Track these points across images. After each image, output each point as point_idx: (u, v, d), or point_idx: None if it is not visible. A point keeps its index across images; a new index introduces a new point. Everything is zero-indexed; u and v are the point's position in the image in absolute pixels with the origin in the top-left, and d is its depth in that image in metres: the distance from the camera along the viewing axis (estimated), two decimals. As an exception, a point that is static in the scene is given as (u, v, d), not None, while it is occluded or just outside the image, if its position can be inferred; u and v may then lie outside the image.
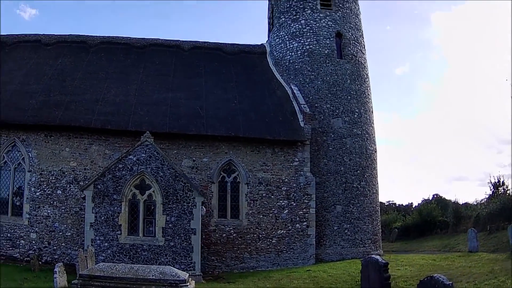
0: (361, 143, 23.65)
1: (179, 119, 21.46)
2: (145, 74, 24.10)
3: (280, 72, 24.80)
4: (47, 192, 20.54)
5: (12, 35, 26.48)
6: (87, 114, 21.20)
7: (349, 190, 22.92)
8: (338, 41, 24.66)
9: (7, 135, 21.03)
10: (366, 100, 24.70)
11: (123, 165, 18.37)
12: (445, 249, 26.21)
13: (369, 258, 11.77)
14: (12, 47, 25.49)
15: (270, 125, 21.72)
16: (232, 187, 21.46)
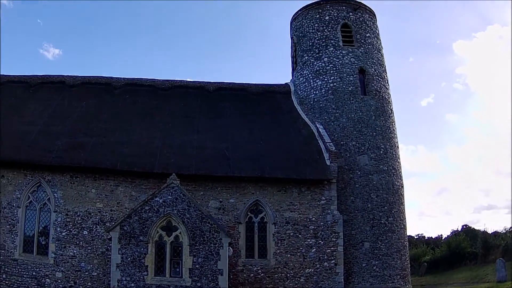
0: (388, 179, 23.51)
1: (205, 161, 21.61)
2: (171, 116, 24.32)
3: (305, 111, 24.87)
4: (73, 232, 20.77)
5: (36, 76, 27.13)
6: (113, 156, 21.50)
7: (376, 227, 22.73)
8: (361, 77, 24.73)
9: (32, 175, 21.35)
10: (391, 135, 24.63)
11: (150, 207, 18.57)
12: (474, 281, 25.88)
13: None
14: (36, 88, 26.13)
15: (296, 165, 21.75)
16: (259, 227, 21.44)
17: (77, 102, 25.07)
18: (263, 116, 24.91)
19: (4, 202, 21.07)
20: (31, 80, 26.64)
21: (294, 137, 23.43)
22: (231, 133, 23.43)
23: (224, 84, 27.17)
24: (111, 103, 25.15)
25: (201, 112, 24.84)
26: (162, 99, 25.64)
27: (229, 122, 24.26)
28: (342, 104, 24.12)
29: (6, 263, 20.58)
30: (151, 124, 23.75)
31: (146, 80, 27.02)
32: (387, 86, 25.70)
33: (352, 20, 25.76)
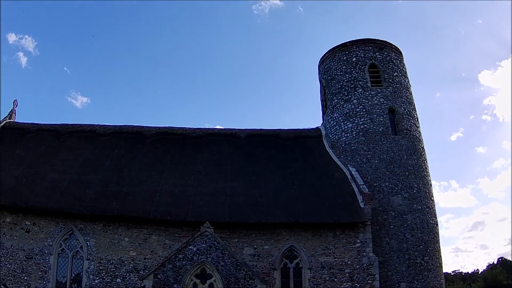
0: (422, 218, 23.26)
1: (239, 208, 21.58)
2: (203, 164, 24.47)
3: (337, 154, 24.88)
4: (106, 280, 20.79)
5: (66, 125, 27.73)
6: (146, 205, 21.61)
7: (412, 267, 22.39)
8: (391, 117, 24.78)
9: (64, 223, 21.61)
10: (423, 174, 24.45)
11: (183, 255, 18.49)
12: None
13: None
14: (66, 137, 26.66)
15: (330, 209, 21.59)
16: (294, 272, 21.20)
17: (109, 151, 25.46)
18: (295, 161, 24.89)
19: (36, 249, 21.33)
20: (61, 129, 27.14)
21: (327, 181, 23.38)
22: (264, 180, 23.44)
23: (255, 131, 27.36)
24: (142, 152, 25.43)
25: (233, 159, 24.96)
26: (193, 147, 25.89)
27: (261, 168, 24.29)
28: (374, 145, 24.12)
29: None
30: (183, 172, 23.90)
31: (177, 128, 27.38)
32: (417, 124, 25.65)
33: (379, 60, 25.92)
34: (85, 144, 25.99)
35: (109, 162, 24.55)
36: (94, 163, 24.49)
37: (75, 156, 24.93)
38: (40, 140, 26.32)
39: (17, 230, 21.61)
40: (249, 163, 24.70)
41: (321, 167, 24.31)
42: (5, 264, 21.19)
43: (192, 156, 25.14)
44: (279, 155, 25.32)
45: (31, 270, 21.10)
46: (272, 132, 27.13)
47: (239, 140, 26.52)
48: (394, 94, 25.22)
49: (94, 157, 25.01)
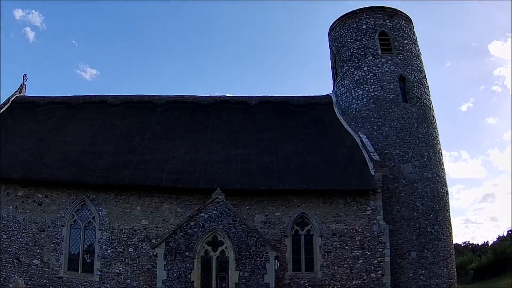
0: (433, 187, 23.17)
1: (250, 175, 21.58)
2: (214, 132, 24.47)
3: (348, 121, 24.75)
4: (118, 250, 21.02)
5: (77, 96, 27.74)
6: (157, 173, 21.65)
7: (423, 235, 22.36)
8: (401, 85, 24.53)
9: (76, 195, 21.78)
10: (434, 142, 24.31)
11: (195, 222, 18.64)
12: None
13: None
14: (77, 108, 26.72)
15: (341, 176, 21.58)
16: (306, 240, 21.29)
17: (119, 121, 25.47)
18: (306, 128, 24.82)
19: (48, 222, 21.54)
20: (72, 101, 27.20)
21: (338, 148, 23.31)
22: (275, 147, 23.38)
23: (266, 98, 27.26)
24: (153, 121, 25.42)
25: (244, 127, 24.94)
26: (204, 115, 25.86)
27: (272, 135, 24.24)
28: (384, 112, 23.95)
29: (51, 281, 21.00)
30: (194, 140, 23.90)
31: (188, 97, 27.34)
32: (427, 93, 25.44)
33: (389, 27, 25.63)
34: (96, 114, 26.01)
35: (120, 131, 24.58)
36: (105, 133, 24.54)
37: (86, 127, 24.98)
38: (50, 113, 26.37)
39: (29, 203, 21.82)
40: (260, 130, 24.65)
41: (331, 134, 24.22)
42: (18, 238, 21.47)
43: (203, 123, 25.10)
44: (290, 122, 25.24)
45: (44, 242, 21.36)
46: (282, 99, 27.01)
47: (250, 107, 26.45)
48: (405, 61, 24.98)
49: (105, 127, 25.06)
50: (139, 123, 25.22)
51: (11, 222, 21.69)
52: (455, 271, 24.31)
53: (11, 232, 21.57)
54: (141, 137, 24.05)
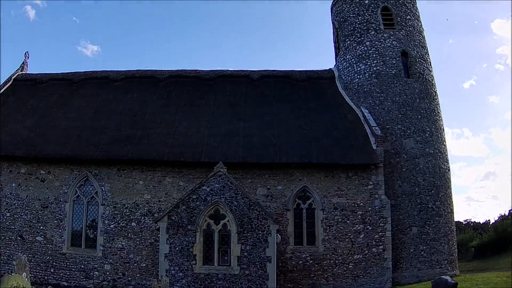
0: (434, 162, 23.14)
1: (252, 149, 21.58)
2: (216, 106, 24.40)
3: (350, 96, 24.66)
4: (121, 225, 21.13)
5: (79, 72, 27.65)
6: (160, 148, 21.66)
7: (424, 211, 22.40)
8: (404, 60, 24.37)
9: (79, 170, 21.82)
10: (436, 118, 24.24)
11: (197, 196, 18.67)
12: (520, 266, 25.27)
13: (439, 279, 11.61)
14: (79, 84, 26.63)
15: (342, 150, 21.56)
16: (307, 213, 21.36)
17: (122, 96, 25.41)
18: (308, 103, 24.70)
19: (51, 198, 21.63)
20: (74, 77, 27.14)
21: (340, 122, 23.25)
22: (277, 120, 23.31)
23: (268, 72, 27.07)
24: (156, 96, 25.33)
25: (246, 100, 24.85)
26: (207, 89, 25.75)
27: (274, 109, 24.17)
28: (386, 87, 23.82)
29: (54, 257, 21.13)
30: (196, 114, 23.87)
31: (190, 71, 27.19)
32: (430, 69, 25.31)
33: (392, 2, 25.40)
34: (98, 90, 25.94)
35: (122, 106, 24.54)
36: (108, 108, 24.51)
37: (89, 103, 24.94)
38: (53, 90, 26.30)
39: (32, 180, 21.89)
40: (262, 103, 24.59)
41: (334, 108, 24.15)
42: (21, 215, 21.60)
43: (205, 97, 25.04)
44: (292, 96, 25.13)
45: (47, 219, 21.49)
46: (284, 73, 26.84)
47: (252, 81, 26.30)
48: (407, 37, 24.82)
49: (108, 102, 25.02)
50: (141, 98, 25.14)
51: (14, 199, 21.78)
52: (456, 248, 24.38)
53: (14, 210, 21.68)
54: (143, 112, 24.01)
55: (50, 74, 27.82)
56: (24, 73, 28.38)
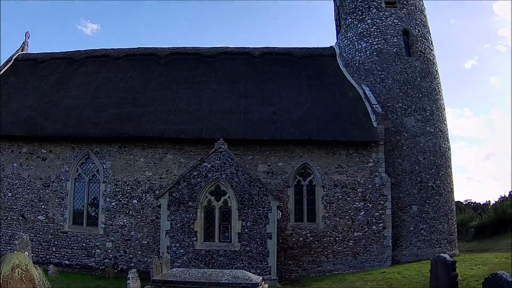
0: (435, 141, 23.13)
1: (253, 125, 21.59)
2: (217, 82, 24.36)
3: (351, 73, 24.58)
4: (122, 202, 21.21)
5: (80, 51, 27.61)
6: (161, 125, 21.67)
7: (424, 190, 22.43)
8: (405, 39, 24.27)
9: (80, 148, 21.89)
10: (437, 97, 24.18)
11: (198, 172, 18.66)
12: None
13: (438, 257, 11.64)
14: (80, 63, 26.60)
15: (343, 127, 21.55)
16: (308, 190, 21.41)
17: (123, 73, 25.35)
18: (309, 80, 24.63)
19: (53, 177, 21.70)
20: (74, 56, 27.10)
21: (341, 100, 23.19)
22: (278, 97, 23.28)
23: (268, 49, 26.97)
24: (156, 73, 25.27)
25: (247, 77, 24.77)
26: (207, 66, 25.68)
27: (275, 86, 24.11)
28: (387, 65, 23.75)
29: (56, 236, 21.26)
30: (197, 91, 23.83)
31: (190, 48, 27.11)
32: (431, 48, 25.21)
33: (393, -20, 25.21)
34: (99, 68, 25.91)
35: (123, 84, 24.50)
36: (109, 86, 24.49)
37: (89, 81, 24.92)
38: (53, 69, 26.28)
39: (33, 159, 21.96)
40: (263, 80, 24.54)
41: (334, 86, 24.08)
42: (23, 195, 21.71)
43: (206, 74, 24.97)
44: (293, 73, 25.07)
45: (49, 198, 21.60)
46: (285, 50, 26.75)
47: (253, 58, 26.21)
48: (409, 16, 24.67)
49: (108, 80, 24.98)
50: (142, 75, 25.10)
51: (16, 179, 21.89)
52: (456, 228, 24.45)
53: (16, 190, 21.80)
54: (144, 89, 23.97)
55: (51, 53, 27.73)
56: (25, 53, 28.32)
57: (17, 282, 5.37)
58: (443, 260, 11.36)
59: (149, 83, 24.47)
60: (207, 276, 12.31)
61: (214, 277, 12.28)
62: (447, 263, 11.21)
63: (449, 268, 11.16)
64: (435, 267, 11.60)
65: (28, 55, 28.12)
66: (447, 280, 11.02)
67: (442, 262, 11.34)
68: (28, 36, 29.25)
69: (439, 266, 11.49)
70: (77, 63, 26.53)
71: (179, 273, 12.65)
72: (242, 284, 11.89)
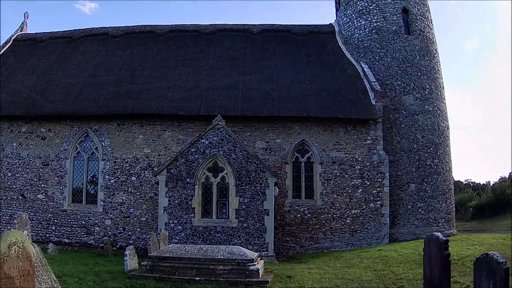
0: (433, 120, 23.11)
1: (251, 102, 21.54)
2: (215, 60, 24.26)
3: (350, 51, 24.48)
4: (121, 179, 21.29)
5: (78, 30, 27.59)
6: (159, 102, 21.66)
7: (422, 168, 22.44)
8: (404, 17, 24.17)
9: (79, 126, 21.97)
10: (436, 76, 24.10)
11: (196, 149, 18.66)
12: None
13: (431, 235, 11.55)
14: (79, 42, 26.56)
15: (341, 104, 21.47)
16: (306, 167, 21.41)
17: (121, 51, 25.32)
18: (308, 57, 24.51)
19: (52, 155, 21.81)
20: (73, 35, 27.06)
21: (339, 77, 23.08)
22: (277, 74, 23.19)
23: (267, 26, 26.87)
24: (155, 50, 25.23)
25: (245, 54, 24.68)
26: (206, 43, 25.59)
27: (274, 63, 24.03)
28: (386, 43, 23.67)
29: (55, 214, 21.42)
30: (196, 68, 23.76)
31: (190, 25, 27.00)
32: (431, 26, 25.09)
33: (394, -42, 25.01)
34: (98, 47, 25.87)
35: (122, 62, 24.48)
36: (107, 64, 24.47)
37: (88, 60, 24.91)
38: (52, 48, 26.26)
39: (32, 138, 22.06)
40: (262, 57, 24.43)
41: (333, 63, 23.97)
42: (22, 174, 21.83)
43: (205, 51, 24.90)
44: (292, 50, 24.95)
45: (48, 176, 21.71)
46: (285, 28, 26.61)
47: (252, 35, 26.11)
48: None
49: (107, 58, 24.96)
50: (141, 53, 25.05)
51: (15, 159, 22.01)
52: (454, 207, 24.48)
53: (16, 169, 21.94)
54: (143, 67, 23.96)
55: (50, 32, 27.70)
56: (24, 33, 28.29)
57: (14, 260, 5.36)
58: (436, 238, 11.34)
59: (148, 60, 24.43)
60: (203, 252, 12.44)
61: (210, 253, 12.40)
62: (439, 241, 11.17)
63: (441, 247, 11.14)
64: (428, 245, 11.56)
65: (27, 35, 28.07)
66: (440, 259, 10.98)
67: (435, 241, 11.31)
68: (27, 17, 29.20)
69: (432, 245, 11.45)
70: (75, 42, 26.48)
71: (175, 249, 12.78)
72: (238, 260, 11.99)
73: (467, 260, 13.71)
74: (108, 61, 24.72)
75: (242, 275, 11.75)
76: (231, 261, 12.03)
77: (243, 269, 11.88)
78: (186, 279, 11.58)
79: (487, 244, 17.55)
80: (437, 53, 24.92)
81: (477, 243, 17.93)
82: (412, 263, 14.54)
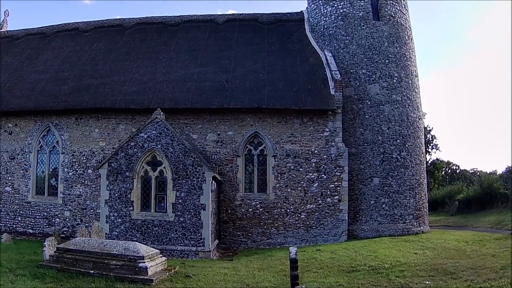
0: (401, 110, 21.89)
1: (203, 94, 20.94)
2: (176, 51, 23.94)
3: (316, 39, 23.47)
4: (79, 172, 21.47)
5: (52, 26, 27.74)
6: (114, 95, 21.58)
7: (387, 161, 21.34)
8: (374, 2, 22.86)
9: (42, 121, 22.27)
10: (407, 63, 22.80)
11: (135, 142, 18.41)
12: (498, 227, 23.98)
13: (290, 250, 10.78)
14: (51, 37, 26.78)
15: (297, 94, 20.46)
16: (259, 160, 20.69)
17: (88, 46, 25.37)
18: (270, 46, 23.65)
19: (18, 149, 22.34)
20: (47, 31, 27.34)
21: (300, 66, 22.05)
22: (234, 64, 22.52)
23: (234, 15, 26.38)
24: (120, 44, 25.14)
25: (207, 45, 24.15)
26: (170, 35, 25.28)
27: (234, 53, 23.36)
28: (352, 30, 22.53)
29: (21, 206, 21.89)
30: (155, 61, 23.49)
31: (157, 18, 26.80)
32: (403, 11, 23.65)
33: None
34: (68, 42, 25.96)
35: (86, 57, 24.49)
36: (73, 59, 24.52)
37: (57, 55, 25.02)
38: (26, 45, 26.54)
39: (1, 133, 22.56)
40: (223, 48, 23.84)
41: (297, 52, 22.97)
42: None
43: (167, 43, 24.58)
44: (255, 39, 24.16)
45: (14, 170, 22.22)
46: (251, 16, 25.80)
47: (217, 25, 25.50)
48: (379, -23, 23.14)
49: (74, 53, 24.98)
50: (106, 47, 24.99)
51: (-14, 153, 22.44)
52: (426, 202, 23.17)
53: (-14, 164, 22.36)
54: (105, 61, 23.88)
55: (27, 29, 27.92)
56: (4, 31, 28.50)
57: None
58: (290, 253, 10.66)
59: (111, 54, 24.33)
60: (102, 247, 12.69)
61: (108, 247, 12.63)
62: (290, 258, 10.50)
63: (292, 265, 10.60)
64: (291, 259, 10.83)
65: (6, 32, 28.31)
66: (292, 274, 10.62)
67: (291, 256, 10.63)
68: (7, 14, 29.53)
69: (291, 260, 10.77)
70: (48, 38, 26.62)
71: (80, 242, 13.12)
72: (130, 256, 12.13)
73: (395, 270, 12.46)
74: (75, 56, 24.73)
75: (131, 271, 11.87)
76: (124, 256, 12.15)
77: (133, 266, 11.94)
78: (82, 271, 11.97)
79: (441, 248, 16.33)
80: (411, 40, 23.63)
81: (432, 247, 16.74)
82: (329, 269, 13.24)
